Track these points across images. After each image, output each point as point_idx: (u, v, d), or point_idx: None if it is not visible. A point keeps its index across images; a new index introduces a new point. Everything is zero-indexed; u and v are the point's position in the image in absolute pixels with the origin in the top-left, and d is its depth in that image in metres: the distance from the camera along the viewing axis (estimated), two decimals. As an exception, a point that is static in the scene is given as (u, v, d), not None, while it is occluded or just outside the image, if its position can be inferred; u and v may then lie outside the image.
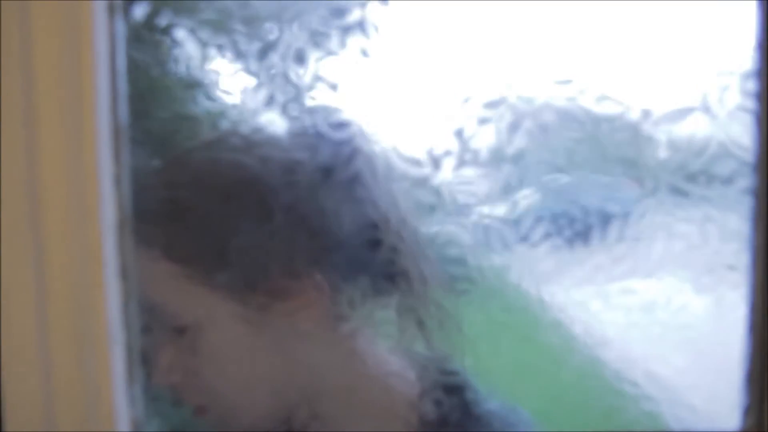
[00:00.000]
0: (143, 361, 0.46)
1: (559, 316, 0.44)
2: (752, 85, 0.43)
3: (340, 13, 0.43)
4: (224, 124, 0.46)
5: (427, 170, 0.43)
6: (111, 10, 0.42)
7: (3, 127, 0.40)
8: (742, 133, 0.44)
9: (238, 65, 0.45)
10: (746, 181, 0.44)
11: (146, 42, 0.47)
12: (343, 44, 0.43)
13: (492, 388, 0.46)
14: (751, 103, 0.43)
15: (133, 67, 0.46)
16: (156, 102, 0.47)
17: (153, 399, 0.46)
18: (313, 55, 0.43)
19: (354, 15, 0.43)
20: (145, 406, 0.46)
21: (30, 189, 0.41)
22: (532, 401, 0.46)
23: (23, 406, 0.43)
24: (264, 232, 0.44)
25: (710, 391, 0.46)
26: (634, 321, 0.45)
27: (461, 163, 0.43)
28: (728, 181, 0.44)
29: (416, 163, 0.43)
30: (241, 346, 0.46)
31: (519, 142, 0.44)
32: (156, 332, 0.48)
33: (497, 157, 0.43)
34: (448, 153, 0.43)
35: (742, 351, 0.45)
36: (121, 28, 0.43)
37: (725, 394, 0.46)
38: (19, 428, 0.43)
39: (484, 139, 0.43)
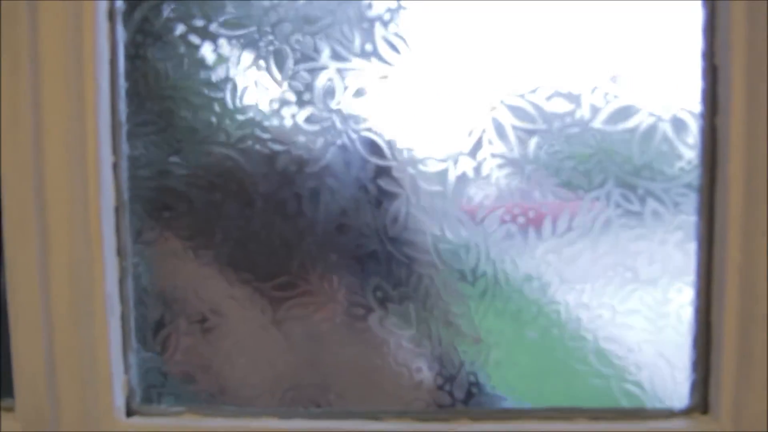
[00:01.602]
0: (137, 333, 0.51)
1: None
2: (698, 87, 0.48)
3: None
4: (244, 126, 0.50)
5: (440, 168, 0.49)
6: (111, 17, 0.48)
7: (11, 121, 0.46)
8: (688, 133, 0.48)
9: (261, 71, 0.49)
10: (690, 177, 0.48)
11: (167, 45, 0.51)
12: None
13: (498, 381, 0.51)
14: (697, 104, 0.48)
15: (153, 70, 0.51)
16: (177, 103, 0.51)
17: (146, 368, 0.52)
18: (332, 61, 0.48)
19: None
20: (138, 373, 0.51)
21: (37, 175, 0.47)
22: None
23: (29, 372, 0.49)
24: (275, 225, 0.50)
25: (658, 373, 0.50)
26: (585, 303, 0.49)
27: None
28: (675, 177, 0.48)
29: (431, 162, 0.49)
30: (247, 329, 0.51)
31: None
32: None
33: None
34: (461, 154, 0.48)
35: (688, 335, 0.49)
36: (121, 33, 0.49)
37: (672, 375, 0.50)
38: (25, 392, 0.49)
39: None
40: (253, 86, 0.50)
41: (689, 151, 0.48)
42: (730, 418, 0.48)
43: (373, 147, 0.48)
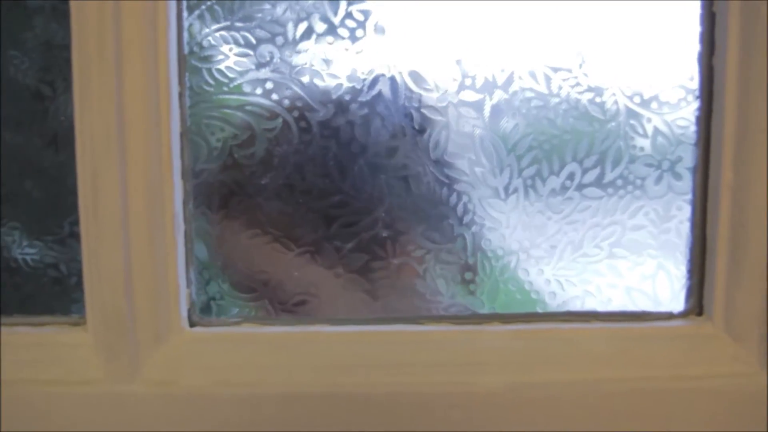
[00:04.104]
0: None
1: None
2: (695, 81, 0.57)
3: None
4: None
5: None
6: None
7: (97, 55, 0.52)
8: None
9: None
10: (690, 109, 0.58)
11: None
12: None
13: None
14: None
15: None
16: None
17: (205, 283, 0.59)
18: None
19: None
20: (197, 289, 0.58)
21: (118, 103, 0.53)
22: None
23: (107, 288, 0.55)
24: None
25: (660, 281, 0.60)
26: (596, 223, 0.59)
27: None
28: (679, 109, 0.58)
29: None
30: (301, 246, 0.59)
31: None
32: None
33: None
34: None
35: (686, 245, 0.59)
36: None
37: (671, 283, 0.60)
38: (100, 307, 0.55)
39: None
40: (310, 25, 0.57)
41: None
42: (721, 319, 0.58)
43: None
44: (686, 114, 0.58)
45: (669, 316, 0.60)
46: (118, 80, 0.53)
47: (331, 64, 0.57)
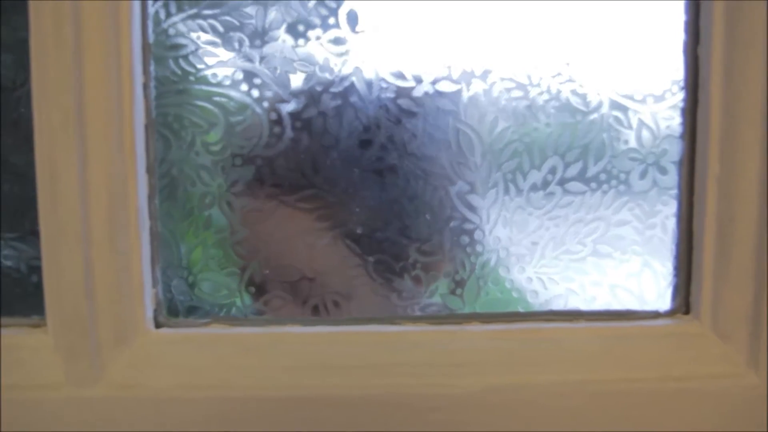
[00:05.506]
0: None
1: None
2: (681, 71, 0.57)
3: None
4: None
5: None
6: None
7: (55, 42, 0.51)
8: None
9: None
10: (675, 99, 0.57)
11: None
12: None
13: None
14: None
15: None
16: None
17: (171, 282, 0.57)
18: None
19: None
20: (163, 287, 0.57)
21: (77, 94, 0.52)
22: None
23: (66, 288, 0.54)
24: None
25: (645, 279, 0.59)
26: (579, 218, 0.58)
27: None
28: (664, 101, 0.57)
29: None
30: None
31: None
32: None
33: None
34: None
35: (672, 241, 0.58)
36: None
37: (657, 281, 0.59)
38: (61, 308, 0.53)
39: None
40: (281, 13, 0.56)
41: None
42: (708, 317, 0.57)
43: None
44: (671, 105, 0.57)
45: (655, 314, 0.59)
46: (78, 70, 0.51)
47: (302, 54, 0.56)
